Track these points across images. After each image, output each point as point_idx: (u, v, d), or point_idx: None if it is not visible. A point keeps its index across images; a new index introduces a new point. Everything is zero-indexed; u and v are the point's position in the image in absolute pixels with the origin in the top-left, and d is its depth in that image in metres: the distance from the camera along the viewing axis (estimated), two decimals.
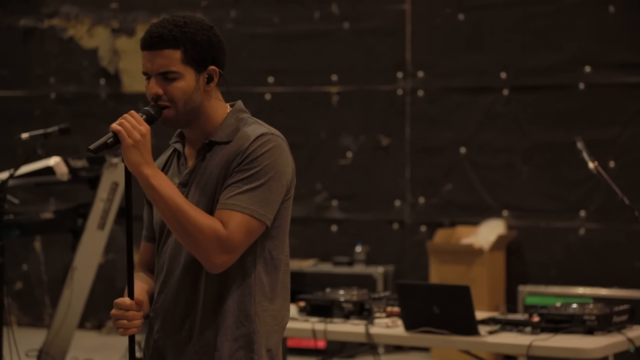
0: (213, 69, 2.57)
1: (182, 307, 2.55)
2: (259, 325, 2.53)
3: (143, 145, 2.45)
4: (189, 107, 2.54)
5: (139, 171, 2.45)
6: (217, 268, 2.48)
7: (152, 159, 2.47)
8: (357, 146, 7.32)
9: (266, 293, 2.55)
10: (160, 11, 7.73)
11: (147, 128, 2.47)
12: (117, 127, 2.45)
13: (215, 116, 2.59)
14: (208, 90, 2.57)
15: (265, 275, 2.55)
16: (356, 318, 4.60)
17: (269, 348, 2.55)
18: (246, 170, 2.49)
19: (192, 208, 2.46)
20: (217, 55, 2.58)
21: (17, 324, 7.86)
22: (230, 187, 2.49)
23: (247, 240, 2.48)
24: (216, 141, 2.56)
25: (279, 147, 2.53)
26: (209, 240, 2.44)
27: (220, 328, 2.52)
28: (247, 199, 2.47)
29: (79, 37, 7.93)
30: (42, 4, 8.01)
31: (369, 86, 7.30)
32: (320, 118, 7.40)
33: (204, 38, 2.55)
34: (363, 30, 7.30)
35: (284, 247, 2.59)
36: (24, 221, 5.71)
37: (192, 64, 2.54)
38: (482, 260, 6.57)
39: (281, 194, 2.53)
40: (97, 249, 5.88)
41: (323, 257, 7.24)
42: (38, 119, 7.71)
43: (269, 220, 2.51)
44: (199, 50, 2.54)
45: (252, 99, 7.48)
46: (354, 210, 7.33)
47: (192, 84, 2.54)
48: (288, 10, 7.47)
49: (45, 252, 7.92)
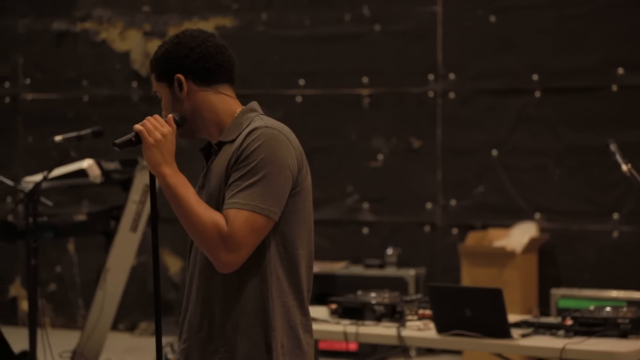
0: (177, 77, 2.61)
1: (201, 308, 2.58)
2: (277, 321, 2.53)
3: (164, 146, 2.52)
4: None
5: (157, 170, 2.51)
6: (225, 267, 2.49)
7: (173, 160, 2.53)
8: (388, 148, 7.31)
9: (284, 289, 2.54)
10: (191, 14, 7.77)
11: (169, 130, 2.54)
12: (139, 127, 2.54)
13: (219, 118, 2.63)
14: (186, 97, 2.61)
15: (283, 271, 2.55)
16: (388, 321, 4.59)
17: (282, 345, 2.55)
18: (243, 168, 2.50)
19: (201, 208, 2.48)
20: (177, 62, 2.62)
21: (51, 325, 7.91)
22: (231, 186, 2.51)
23: (252, 237, 2.47)
24: (223, 141, 2.59)
25: (275, 139, 2.53)
26: (213, 238, 2.46)
27: (239, 326, 2.53)
28: (247, 195, 2.47)
29: (112, 40, 7.97)
30: (75, 8, 8.07)
31: (400, 88, 7.29)
32: (351, 120, 7.40)
33: (161, 52, 2.65)
34: (394, 32, 7.29)
35: (301, 242, 2.58)
36: (58, 223, 5.75)
37: (162, 79, 2.64)
38: (514, 263, 6.54)
39: (285, 186, 2.51)
40: (129, 250, 5.91)
41: (354, 260, 7.23)
42: (71, 121, 7.76)
43: (275, 213, 2.49)
44: (158, 64, 2.64)
45: (283, 102, 7.49)
46: (385, 212, 7.32)
47: (168, 98, 2.63)
48: (319, 12, 7.48)
49: (78, 254, 7.97)
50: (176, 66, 2.61)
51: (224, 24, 7.70)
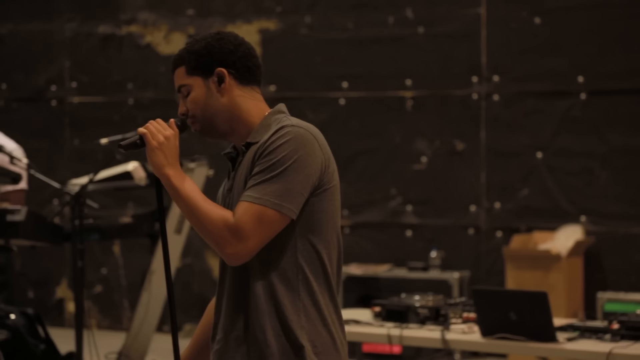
0: (219, 70, 2.62)
1: (232, 310, 2.59)
2: (309, 321, 2.54)
3: (167, 148, 2.54)
4: (209, 114, 2.62)
5: (161, 172, 2.54)
6: (232, 259, 2.49)
7: (177, 162, 2.55)
8: (431, 151, 7.30)
9: (314, 288, 2.55)
10: (235, 17, 7.80)
11: (172, 132, 2.56)
12: (143, 130, 2.57)
13: (250, 118, 2.63)
14: (224, 93, 2.62)
15: (312, 271, 2.54)
16: (432, 324, 4.58)
17: (314, 344, 2.54)
18: (264, 163, 2.50)
19: (207, 203, 2.50)
20: (221, 57, 2.62)
21: (97, 326, 7.98)
22: (249, 181, 2.51)
23: (259, 228, 2.47)
24: (250, 142, 2.60)
25: (300, 137, 2.52)
26: (219, 229, 2.47)
27: (268, 326, 2.53)
28: (261, 189, 2.47)
29: (156, 44, 8.03)
30: (120, 11, 8.13)
31: (444, 90, 7.27)
32: (394, 123, 7.39)
33: (201, 45, 2.64)
34: (438, 34, 7.27)
35: (329, 241, 2.58)
36: (104, 225, 5.79)
37: (197, 72, 2.63)
38: (559, 267, 6.49)
39: (304, 184, 2.50)
40: (174, 253, 5.94)
41: (398, 262, 7.22)
42: (116, 124, 7.82)
43: (289, 209, 2.48)
44: (196, 57, 2.63)
45: (326, 104, 7.50)
46: (429, 215, 7.30)
47: (203, 91, 2.62)
48: (362, 15, 7.48)
49: (124, 256, 8.03)
50: (219, 60, 2.62)
51: (267, 27, 7.72)
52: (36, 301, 8.06)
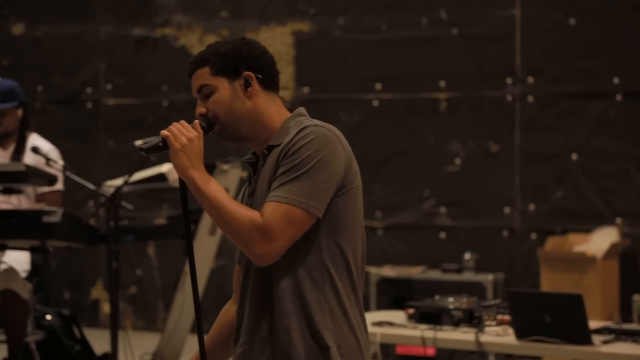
0: (247, 74, 2.62)
1: (256, 312, 2.58)
2: (334, 322, 2.53)
3: (190, 150, 2.53)
4: (233, 116, 2.61)
5: (185, 174, 2.53)
6: (261, 259, 2.48)
7: (201, 164, 2.53)
8: (465, 152, 7.28)
9: (339, 289, 2.54)
10: (269, 19, 7.82)
11: (195, 134, 2.54)
12: (166, 133, 2.56)
13: (272, 122, 2.63)
14: (250, 96, 2.62)
15: (337, 271, 2.54)
16: (466, 326, 4.57)
17: (340, 346, 2.54)
18: (288, 163, 2.50)
19: (234, 204, 2.50)
20: (248, 61, 2.63)
21: (132, 327, 8.02)
22: (275, 181, 2.51)
23: (288, 228, 2.46)
24: (272, 145, 2.60)
25: (323, 137, 2.52)
26: (247, 229, 2.46)
27: (292, 326, 2.53)
28: (288, 189, 2.47)
29: (191, 46, 8.06)
30: (155, 14, 8.18)
31: (478, 92, 7.25)
32: (428, 124, 7.38)
33: (229, 47, 2.64)
34: (472, 35, 7.25)
35: (353, 241, 2.57)
36: (138, 227, 5.82)
37: (223, 74, 2.62)
38: (595, 269, 6.45)
39: (330, 184, 2.50)
40: (208, 254, 5.96)
41: (431, 264, 7.20)
42: (151, 126, 7.87)
43: (315, 208, 2.48)
44: (224, 59, 2.62)
45: (360, 106, 7.50)
46: (462, 217, 7.28)
47: (228, 93, 2.62)
48: (396, 16, 7.47)
49: (158, 257, 8.07)
50: (246, 64, 2.62)
51: (301, 29, 7.73)
52: (72, 302, 8.11)
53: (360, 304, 2.61)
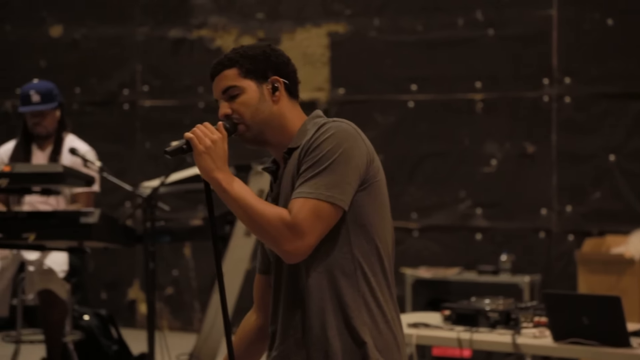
0: (275, 79, 2.64)
1: (291, 312, 2.58)
2: (368, 317, 2.53)
3: (214, 152, 2.52)
4: (259, 119, 2.62)
5: (210, 176, 2.52)
6: (291, 256, 2.48)
7: (226, 165, 2.53)
8: (501, 154, 7.24)
9: (372, 284, 2.54)
10: (304, 20, 7.83)
11: (219, 136, 2.54)
12: (189, 135, 2.56)
13: (293, 127, 2.64)
14: (276, 101, 2.63)
15: (368, 266, 2.54)
16: (502, 327, 4.55)
17: (376, 341, 2.53)
18: (310, 160, 2.50)
19: (260, 202, 2.50)
20: (276, 66, 2.65)
21: (168, 328, 8.06)
22: (299, 179, 2.52)
23: (317, 223, 2.47)
24: (292, 147, 2.60)
25: (343, 131, 2.53)
26: (276, 227, 2.46)
27: (328, 323, 2.53)
28: (312, 184, 2.48)
29: (226, 47, 8.08)
30: (191, 15, 8.21)
31: (514, 93, 7.22)
32: (464, 125, 7.35)
33: (258, 51, 2.65)
34: (508, 36, 7.22)
35: (382, 235, 2.57)
36: (175, 228, 5.85)
37: (251, 76, 2.63)
38: (633, 271, 6.40)
39: (353, 176, 2.50)
40: (244, 255, 5.98)
41: (467, 266, 7.18)
42: (187, 127, 7.85)
43: (341, 201, 2.48)
44: (254, 62, 2.63)
45: (395, 107, 7.49)
46: (498, 218, 7.25)
47: (256, 95, 2.62)
48: (432, 17, 7.45)
49: (194, 258, 8.10)
50: (275, 69, 2.64)
51: (336, 30, 7.73)
52: (109, 302, 8.16)
53: (394, 298, 2.61)
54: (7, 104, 8.55)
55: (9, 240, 4.92)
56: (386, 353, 2.55)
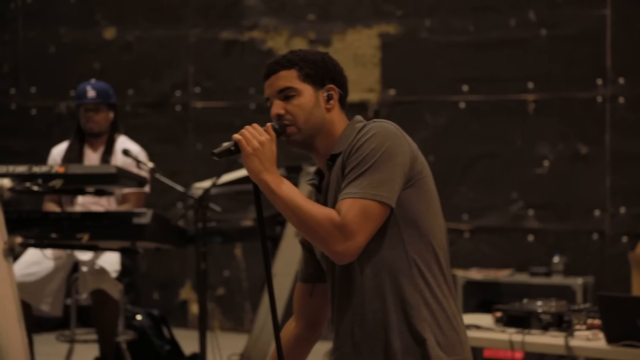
0: (332, 87, 2.65)
1: (349, 313, 2.58)
2: (428, 314, 2.52)
3: (262, 154, 2.52)
4: (311, 124, 2.62)
5: (259, 178, 2.52)
6: (341, 257, 2.48)
7: (274, 166, 2.53)
8: (554, 155, 7.19)
9: (428, 280, 2.53)
10: (355, 21, 7.82)
11: (267, 137, 2.54)
12: (238, 137, 2.56)
13: (338, 134, 2.64)
14: (330, 109, 2.64)
15: (424, 263, 2.54)
16: (555, 330, 4.51)
17: (437, 338, 2.52)
18: (354, 161, 2.51)
19: (309, 203, 2.49)
20: (334, 75, 2.67)
21: (220, 328, 8.10)
22: (344, 180, 2.52)
23: (365, 223, 2.46)
24: (335, 154, 2.61)
25: (384, 129, 2.54)
26: (326, 228, 2.45)
27: (387, 323, 2.52)
28: (358, 184, 2.48)
29: (278, 49, 8.11)
30: (243, 17, 8.25)
31: (567, 93, 7.16)
32: (516, 126, 7.30)
33: (317, 58, 2.67)
34: (561, 36, 7.16)
35: (435, 231, 2.56)
36: (226, 228, 5.87)
37: (309, 81, 2.64)
38: None
39: (398, 174, 2.50)
40: (294, 256, 5.98)
41: (519, 267, 7.13)
42: (238, 129, 7.89)
43: (388, 199, 2.48)
44: (313, 67, 2.64)
45: (446, 108, 7.46)
46: (551, 219, 7.19)
47: (312, 100, 2.63)
48: (484, 17, 7.41)
49: (245, 258, 8.14)
50: (332, 77, 2.66)
51: (387, 31, 7.72)
52: (161, 303, 8.22)
53: (453, 293, 2.60)
54: (62, 106, 8.65)
55: (63, 241, 4.97)
56: (449, 349, 2.54)
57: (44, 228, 4.90)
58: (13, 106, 8.83)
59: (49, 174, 4.79)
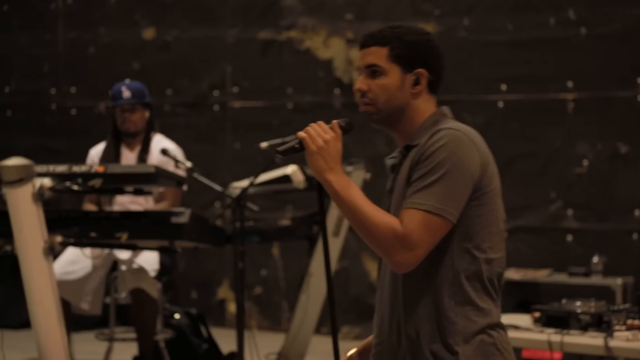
0: (420, 72, 2.58)
1: (390, 312, 2.57)
2: (464, 326, 2.50)
3: (326, 152, 2.49)
4: (391, 106, 2.58)
5: (322, 177, 2.49)
6: (399, 267, 2.45)
7: (339, 165, 2.50)
8: (593, 154, 7.14)
9: (470, 294, 2.50)
10: (393, 21, 7.80)
11: (333, 136, 2.50)
12: (302, 134, 2.52)
13: (420, 121, 2.60)
14: (415, 93, 2.59)
15: (468, 276, 2.50)
16: (594, 330, 4.48)
17: (466, 353, 2.49)
18: (423, 168, 2.46)
19: (372, 209, 2.46)
20: (427, 58, 2.59)
21: (257, 327, 8.12)
22: (410, 187, 2.48)
23: (427, 236, 2.43)
24: (411, 145, 2.57)
25: (457, 139, 2.48)
26: (387, 237, 2.42)
27: (422, 332, 2.50)
28: (424, 195, 2.43)
29: (315, 48, 8.12)
30: (281, 17, 8.26)
31: (607, 93, 7.10)
32: (554, 126, 7.26)
33: (414, 38, 2.59)
34: (601, 35, 7.11)
35: (489, 245, 2.53)
36: (263, 228, 5.89)
37: (399, 62, 2.57)
38: None
39: (465, 188, 2.46)
40: (332, 255, 5.99)
41: (558, 268, 7.08)
42: (276, 128, 7.95)
43: (452, 215, 2.44)
44: (405, 48, 2.58)
45: (485, 107, 7.43)
46: (590, 219, 7.14)
47: (396, 83, 2.57)
48: (522, 16, 7.37)
49: (282, 258, 8.15)
50: (423, 61, 2.59)
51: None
52: (199, 302, 8.25)
53: (498, 308, 2.56)
54: (101, 106, 8.71)
55: (102, 240, 5.01)
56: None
57: (83, 227, 4.94)
58: (53, 106, 8.91)
59: (89, 173, 4.83)
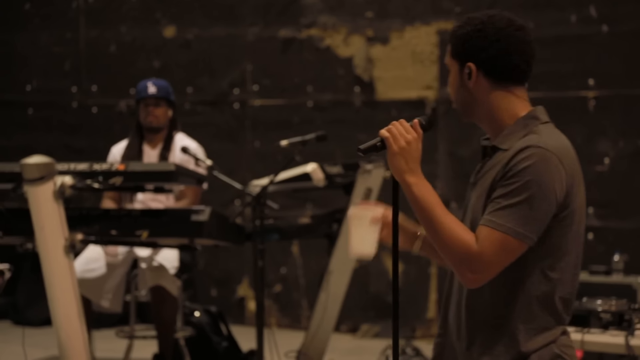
0: (470, 65, 2.53)
1: (456, 310, 2.57)
2: (526, 346, 2.46)
3: (408, 153, 2.45)
4: (459, 101, 2.58)
5: (402, 178, 2.46)
6: (469, 283, 2.42)
7: (419, 167, 2.46)
8: (615, 152, 7.10)
9: (535, 312, 2.46)
10: (414, 18, 7.80)
11: (414, 136, 2.47)
12: (386, 134, 2.48)
13: (502, 118, 2.54)
14: (473, 88, 2.53)
15: (536, 295, 2.46)
16: (615, 329, 4.46)
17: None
18: (507, 186, 2.40)
19: (449, 220, 2.41)
20: (471, 51, 2.52)
21: (277, 325, 8.13)
22: (492, 202, 2.42)
23: (501, 258, 2.38)
24: (497, 147, 2.52)
25: (544, 160, 2.41)
26: (460, 253, 2.38)
27: (485, 344, 2.48)
28: (506, 215, 2.38)
29: (335, 46, 8.11)
30: (301, 15, 8.26)
31: (628, 90, 7.07)
32: (576, 123, 7.23)
33: (464, 32, 2.55)
34: (622, 32, 7.07)
35: (562, 266, 2.47)
36: (283, 226, 5.89)
37: (456, 58, 2.56)
38: None
39: (547, 212, 2.40)
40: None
41: None
42: (296, 126, 7.95)
43: (530, 239, 2.39)
44: (457, 43, 2.56)
45: None
46: (611, 218, 7.11)
47: (457, 78, 2.57)
48: (544, 14, 7.34)
49: (302, 256, 8.15)
50: (470, 54, 2.53)
51: (446, 28, 7.68)
52: (218, 299, 8.27)
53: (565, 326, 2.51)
54: (122, 104, 8.74)
55: (122, 237, 5.03)
56: None
57: (104, 225, 4.96)
58: (74, 104, 8.94)
59: (110, 171, 4.84)
